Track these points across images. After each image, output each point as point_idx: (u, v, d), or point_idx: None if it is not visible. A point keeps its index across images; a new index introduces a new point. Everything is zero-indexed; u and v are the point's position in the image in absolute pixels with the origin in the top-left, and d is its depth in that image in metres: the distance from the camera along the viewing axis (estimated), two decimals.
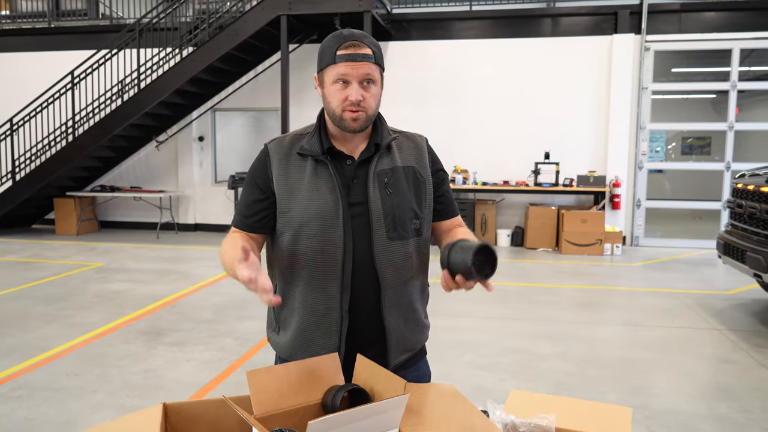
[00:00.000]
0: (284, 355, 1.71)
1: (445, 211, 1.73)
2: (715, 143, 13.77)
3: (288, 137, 1.67)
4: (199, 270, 7.12)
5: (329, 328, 1.59)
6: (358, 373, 1.46)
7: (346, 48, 1.51)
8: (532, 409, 1.62)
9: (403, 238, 1.60)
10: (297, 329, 1.64)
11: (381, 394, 1.38)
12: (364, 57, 1.51)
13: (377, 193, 1.58)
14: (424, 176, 1.66)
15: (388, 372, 1.38)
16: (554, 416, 1.57)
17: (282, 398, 1.38)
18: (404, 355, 1.68)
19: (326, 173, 1.58)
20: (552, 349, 4.40)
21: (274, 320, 1.73)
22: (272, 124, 10.47)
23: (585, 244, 8.45)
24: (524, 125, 9.26)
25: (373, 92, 1.55)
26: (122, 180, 10.49)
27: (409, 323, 1.66)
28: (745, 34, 8.72)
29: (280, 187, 1.60)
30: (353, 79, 1.51)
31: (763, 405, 3.45)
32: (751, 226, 4.89)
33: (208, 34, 8.68)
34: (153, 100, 8.86)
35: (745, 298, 5.96)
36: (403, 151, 1.67)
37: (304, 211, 1.57)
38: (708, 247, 8.88)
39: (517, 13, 9.49)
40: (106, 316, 5.17)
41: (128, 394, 3.55)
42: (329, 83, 1.54)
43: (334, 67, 1.52)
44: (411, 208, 1.61)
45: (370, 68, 1.52)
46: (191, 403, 1.42)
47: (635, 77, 8.99)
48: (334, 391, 1.37)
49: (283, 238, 1.63)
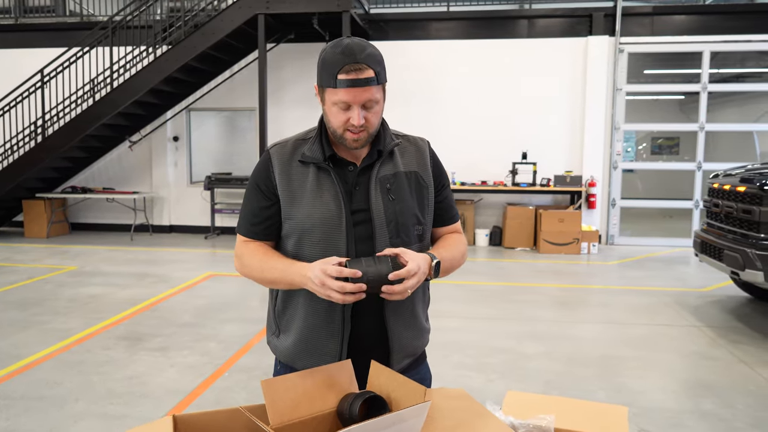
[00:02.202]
0: (285, 360, 1.68)
1: (445, 217, 1.72)
2: (684, 143, 14.10)
3: (290, 142, 1.63)
4: (178, 272, 6.99)
5: (332, 334, 1.58)
6: (373, 379, 1.44)
7: (347, 72, 1.45)
8: (530, 409, 1.62)
9: (405, 245, 1.58)
10: (299, 334, 1.62)
11: (399, 401, 1.37)
12: (367, 82, 1.46)
13: (379, 199, 1.56)
14: (427, 181, 1.65)
15: (405, 378, 1.37)
16: (553, 417, 1.57)
17: (297, 407, 1.35)
18: (406, 360, 1.67)
19: (329, 180, 1.56)
20: (538, 349, 4.44)
21: (275, 324, 1.70)
22: (249, 124, 10.35)
23: (562, 243, 8.55)
24: (502, 125, 9.34)
25: (376, 111, 1.52)
26: (94, 181, 10.25)
27: (411, 328, 1.65)
28: (714, 37, 8.94)
29: (283, 192, 1.58)
30: (355, 105, 1.48)
31: (745, 400, 3.53)
32: (727, 225, 5.01)
33: (183, 33, 8.53)
34: (126, 99, 8.66)
35: (720, 295, 6.10)
36: (405, 156, 1.65)
37: (306, 219, 1.55)
38: (680, 245, 9.09)
39: (494, 15, 9.57)
40: (83, 321, 5.03)
41: (112, 402, 3.46)
42: (330, 104, 1.51)
43: (335, 92, 1.47)
44: (414, 214, 1.60)
45: (371, 92, 1.47)
46: (201, 414, 1.38)
47: (609, 78, 9.13)
48: (351, 399, 1.35)
49: (286, 243, 1.61)
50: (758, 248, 4.45)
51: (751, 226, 4.64)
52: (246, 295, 5.98)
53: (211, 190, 9.71)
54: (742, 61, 10.63)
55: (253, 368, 3.99)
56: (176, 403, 3.43)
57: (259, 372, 3.91)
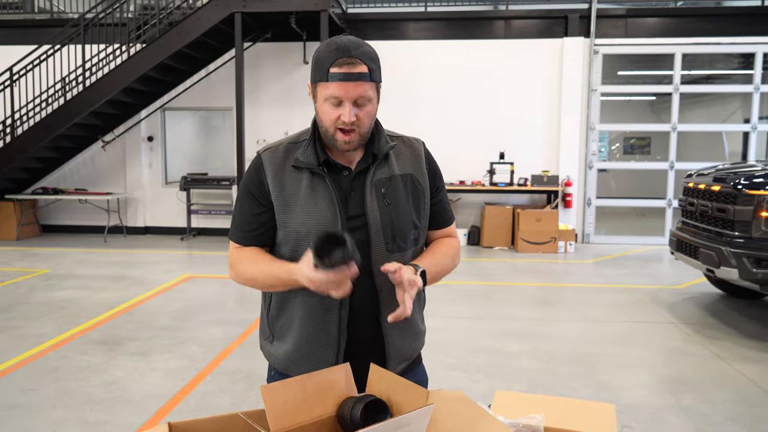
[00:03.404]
0: (279, 367, 1.65)
1: (440, 220, 1.71)
2: (655, 143, 14.40)
3: (282, 146, 1.59)
4: (154, 275, 6.87)
5: (328, 342, 1.56)
6: (373, 382, 1.43)
7: (339, 66, 1.42)
8: (519, 409, 1.63)
9: (402, 250, 1.57)
10: (295, 342, 1.59)
11: (400, 404, 1.36)
12: (359, 76, 1.43)
13: (375, 204, 1.54)
14: (423, 184, 1.62)
15: (407, 381, 1.36)
16: (543, 416, 1.58)
17: (297, 412, 1.33)
18: (402, 364, 1.66)
19: (323, 186, 1.53)
20: (520, 347, 4.47)
21: (268, 329, 1.67)
22: (224, 123, 10.23)
23: (540, 242, 8.64)
24: (479, 126, 9.39)
25: (368, 110, 1.49)
26: (66, 182, 10.01)
27: (407, 333, 1.64)
28: (685, 39, 9.12)
29: (276, 199, 1.54)
30: (347, 101, 1.45)
31: (723, 395, 3.61)
32: (702, 223, 5.11)
33: (158, 31, 8.39)
34: (99, 98, 8.48)
35: (695, 292, 6.23)
36: (400, 158, 1.62)
37: (301, 226, 1.52)
38: (653, 243, 9.26)
39: (471, 15, 9.62)
40: (58, 325, 4.91)
41: (91, 408, 3.38)
42: (321, 100, 1.48)
43: (326, 86, 1.45)
44: (410, 218, 1.58)
45: (364, 88, 1.45)
46: (198, 421, 1.35)
47: (585, 79, 9.26)
48: (352, 404, 1.33)
49: (281, 250, 1.58)
50: (733, 246, 4.56)
51: (726, 224, 4.74)
52: (226, 296, 5.91)
53: (187, 191, 9.57)
54: (710, 63, 10.89)
55: (235, 372, 3.94)
56: (158, 409, 3.37)
57: (242, 375, 3.87)
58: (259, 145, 9.45)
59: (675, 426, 3.21)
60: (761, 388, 3.71)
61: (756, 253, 4.42)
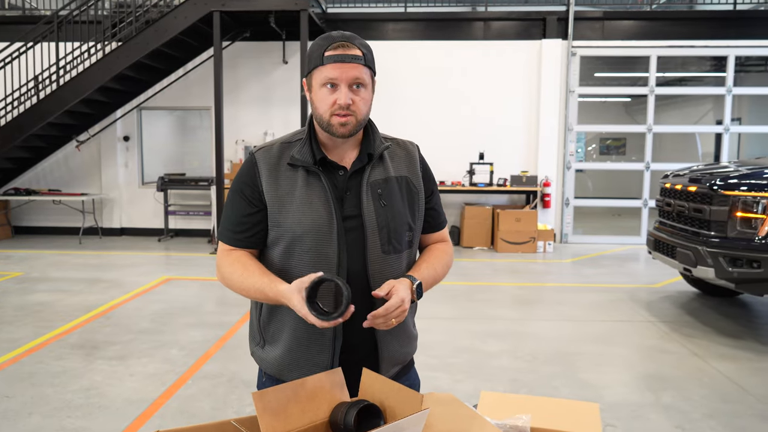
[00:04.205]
0: (271, 372, 1.63)
1: (433, 223, 1.71)
2: (630, 144, 14.63)
3: (276, 146, 1.58)
4: (132, 277, 6.76)
5: (322, 347, 1.54)
6: (366, 387, 1.42)
7: (334, 49, 1.45)
8: (505, 409, 1.63)
9: (397, 252, 1.56)
10: (287, 346, 1.57)
11: (393, 409, 1.35)
12: (354, 58, 1.46)
13: (371, 205, 1.53)
14: (417, 187, 1.63)
15: (400, 385, 1.35)
16: (529, 416, 1.59)
17: (290, 419, 1.31)
18: (395, 368, 1.66)
19: (319, 185, 1.52)
20: (501, 347, 4.50)
21: (259, 334, 1.65)
22: (201, 123, 10.11)
23: (519, 242, 8.71)
24: (459, 126, 9.43)
25: (363, 96, 1.51)
26: (39, 182, 9.79)
27: (400, 337, 1.64)
28: (661, 42, 9.28)
29: (270, 199, 1.53)
30: (342, 82, 1.46)
31: (702, 392, 3.68)
32: (679, 223, 5.20)
33: (134, 29, 8.25)
34: (74, 97, 8.31)
35: (671, 291, 6.34)
36: (395, 160, 1.63)
37: (296, 225, 1.50)
38: (630, 243, 9.40)
39: (450, 16, 9.66)
40: (33, 330, 4.80)
41: (69, 414, 3.30)
42: (317, 87, 1.49)
43: (321, 69, 1.46)
44: (406, 221, 1.58)
45: (359, 70, 1.47)
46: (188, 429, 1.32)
47: (563, 81, 9.35)
48: (345, 409, 1.32)
49: (274, 251, 1.56)
50: (709, 246, 4.65)
51: (702, 224, 4.83)
52: (205, 299, 5.84)
53: (165, 192, 9.43)
54: (682, 65, 11.10)
55: (217, 375, 3.89)
56: (138, 414, 3.31)
57: (224, 379, 3.82)
58: (238, 145, 9.36)
59: (656, 423, 3.26)
60: (738, 385, 3.79)
61: (731, 252, 4.51)
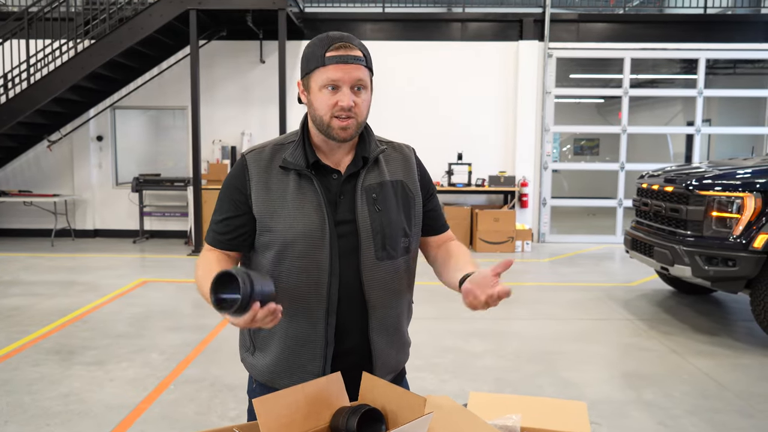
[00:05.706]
0: (262, 379, 1.59)
1: (435, 226, 1.70)
2: (603, 144, 14.86)
3: (267, 148, 1.55)
4: (108, 279, 6.62)
5: (314, 353, 1.51)
6: (365, 391, 1.41)
7: (336, 49, 1.41)
8: (494, 409, 1.63)
9: (392, 258, 1.53)
10: (278, 354, 1.54)
11: (395, 413, 1.34)
12: (356, 59, 1.43)
13: (365, 210, 1.50)
14: (414, 191, 1.60)
15: (403, 389, 1.34)
16: (519, 416, 1.60)
17: (292, 425, 1.30)
18: (388, 376, 1.64)
19: (311, 189, 1.48)
20: (485, 347, 4.53)
21: (249, 340, 1.62)
22: (175, 122, 9.96)
23: (498, 242, 8.77)
24: (437, 127, 9.46)
25: (364, 98, 1.47)
26: (9, 183, 9.53)
27: (395, 344, 1.61)
28: (634, 44, 9.44)
29: (260, 203, 1.49)
30: (344, 84, 1.42)
31: (681, 388, 3.75)
32: (656, 223, 5.29)
33: (108, 27, 8.09)
34: (45, 96, 8.11)
35: (647, 289, 6.45)
36: (391, 164, 1.59)
37: (288, 231, 1.47)
38: (606, 242, 9.55)
39: (428, 17, 9.69)
40: (6, 335, 4.67)
41: (48, 422, 3.22)
42: (317, 88, 1.44)
43: (323, 70, 1.42)
44: (401, 227, 1.55)
45: (361, 72, 1.44)
46: None
47: (539, 82, 9.45)
48: (347, 414, 1.31)
49: (264, 257, 1.52)
50: (686, 245, 4.74)
51: (679, 223, 4.93)
52: (183, 301, 5.75)
53: (140, 192, 9.27)
54: (654, 67, 11.31)
55: (200, 380, 3.83)
56: (120, 420, 3.24)
57: (206, 383, 3.77)
58: (215, 145, 9.25)
59: (639, 420, 3.31)
60: (716, 381, 3.87)
61: (707, 251, 4.60)
